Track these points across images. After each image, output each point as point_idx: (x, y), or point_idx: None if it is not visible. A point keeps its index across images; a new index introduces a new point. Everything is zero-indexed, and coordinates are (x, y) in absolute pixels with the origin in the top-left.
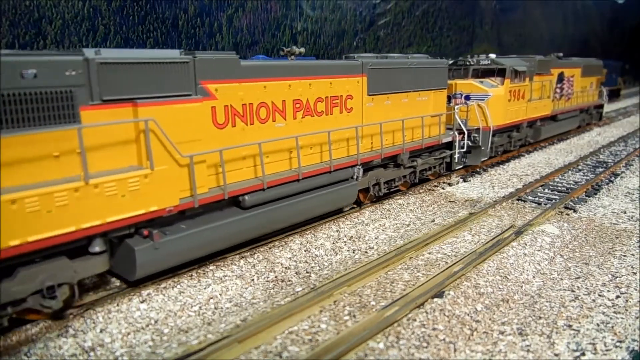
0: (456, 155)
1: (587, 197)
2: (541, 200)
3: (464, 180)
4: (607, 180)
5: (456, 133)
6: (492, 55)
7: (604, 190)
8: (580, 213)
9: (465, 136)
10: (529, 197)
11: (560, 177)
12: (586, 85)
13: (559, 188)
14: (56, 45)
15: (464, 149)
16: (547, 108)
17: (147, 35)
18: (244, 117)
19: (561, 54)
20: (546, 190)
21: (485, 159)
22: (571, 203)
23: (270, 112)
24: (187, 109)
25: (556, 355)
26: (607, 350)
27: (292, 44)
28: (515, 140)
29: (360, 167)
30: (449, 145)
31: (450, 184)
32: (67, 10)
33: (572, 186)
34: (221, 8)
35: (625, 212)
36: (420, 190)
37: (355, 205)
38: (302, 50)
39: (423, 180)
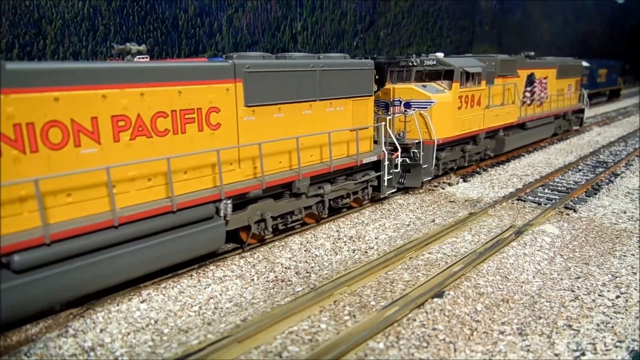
0: (386, 178)
1: (587, 197)
2: (541, 200)
3: (464, 180)
4: (607, 180)
5: (385, 150)
6: (439, 55)
7: (604, 190)
8: (580, 213)
9: (399, 153)
10: (529, 197)
11: (560, 177)
12: (563, 88)
13: (559, 188)
14: (56, 45)
15: (398, 169)
16: (512, 115)
17: (147, 35)
18: (17, 142)
19: (532, 53)
20: (546, 190)
21: (429, 178)
22: (571, 203)
23: (69, 133)
24: None
25: (556, 355)
26: (607, 350)
27: (292, 44)
28: (472, 154)
29: (227, 201)
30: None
31: (450, 184)
32: (67, 10)
33: (572, 186)
34: (221, 8)
35: (625, 212)
36: (420, 191)
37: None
38: (142, 48)
39: (345, 209)
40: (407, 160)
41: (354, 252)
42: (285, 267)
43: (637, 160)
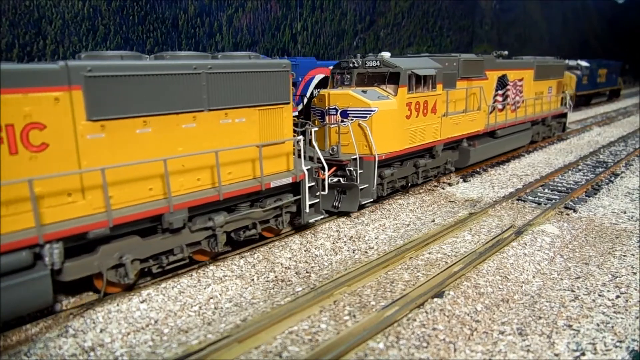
0: (307, 202)
1: (587, 197)
2: (541, 200)
3: (464, 180)
4: (607, 180)
5: (305, 170)
6: (385, 54)
7: (604, 190)
8: (580, 213)
9: (326, 172)
10: (529, 197)
11: (560, 177)
12: (542, 91)
13: (559, 188)
14: (56, 45)
15: (325, 191)
16: (479, 123)
17: (147, 35)
18: None
19: (505, 52)
20: (546, 190)
21: (370, 201)
22: (571, 203)
23: None
24: None
25: (556, 355)
26: (607, 350)
27: (292, 44)
28: (427, 169)
29: (54, 245)
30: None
31: (450, 184)
32: (67, 10)
33: (572, 186)
34: (221, 8)
35: (625, 212)
36: (420, 191)
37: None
38: None
39: (250, 242)
40: (342, 179)
41: (354, 252)
42: (285, 267)
43: (637, 160)
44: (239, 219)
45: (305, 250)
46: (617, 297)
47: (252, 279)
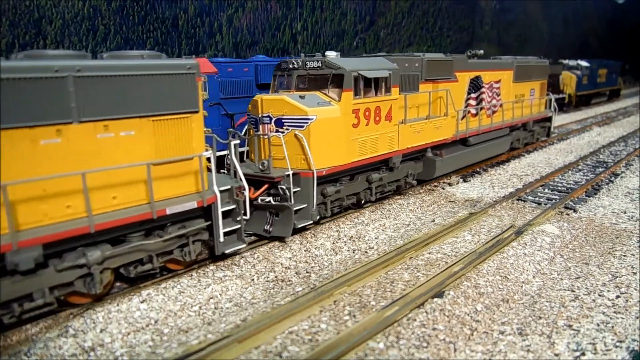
0: (221, 230)
1: (587, 197)
2: (541, 200)
3: (464, 181)
4: (607, 180)
5: (217, 190)
6: (331, 54)
7: (604, 190)
8: (580, 213)
9: (247, 192)
10: (529, 197)
11: (560, 177)
12: (523, 93)
13: (559, 188)
14: (56, 45)
15: (247, 216)
16: (446, 130)
17: (147, 35)
18: None
19: (481, 52)
20: (546, 190)
21: (309, 223)
22: (571, 203)
23: None
24: None
25: (556, 355)
26: (607, 350)
27: (292, 44)
28: (384, 184)
29: None
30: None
31: (450, 184)
32: (67, 10)
33: (572, 186)
34: (221, 8)
35: (625, 212)
36: (420, 190)
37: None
38: None
39: (145, 277)
40: (272, 200)
41: (354, 252)
42: (285, 267)
43: (637, 160)
44: (128, 252)
45: (305, 250)
46: (617, 297)
47: (252, 279)
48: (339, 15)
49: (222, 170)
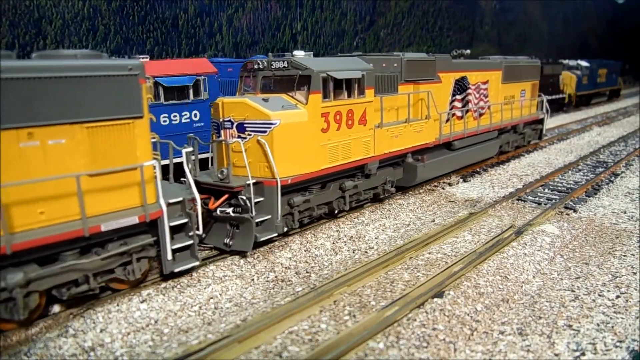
0: (168, 247)
1: (587, 197)
2: (541, 200)
3: (464, 180)
4: (607, 180)
5: (163, 203)
6: (299, 53)
7: (604, 190)
8: (580, 213)
9: (199, 205)
10: (529, 197)
11: (560, 177)
12: (513, 95)
13: (559, 188)
14: (56, 45)
15: (200, 230)
16: (428, 133)
17: (147, 35)
18: None
19: (468, 52)
20: (546, 190)
21: (273, 235)
22: (571, 203)
23: None
24: None
25: (556, 355)
26: (607, 350)
27: (292, 44)
28: (360, 191)
29: None
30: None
31: (450, 184)
32: (67, 10)
33: (572, 186)
34: (221, 8)
35: (625, 212)
36: (420, 190)
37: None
38: None
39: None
40: (232, 211)
41: (354, 252)
42: (285, 267)
43: (637, 160)
44: (59, 273)
45: (305, 250)
46: (617, 297)
47: (252, 279)
48: (339, 15)
49: (182, 179)
